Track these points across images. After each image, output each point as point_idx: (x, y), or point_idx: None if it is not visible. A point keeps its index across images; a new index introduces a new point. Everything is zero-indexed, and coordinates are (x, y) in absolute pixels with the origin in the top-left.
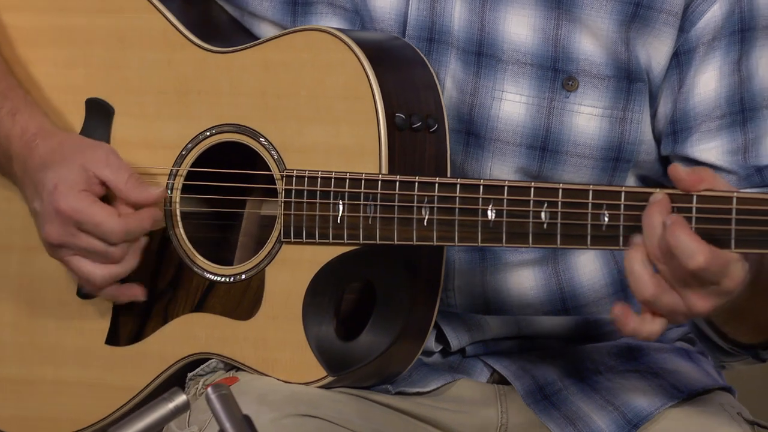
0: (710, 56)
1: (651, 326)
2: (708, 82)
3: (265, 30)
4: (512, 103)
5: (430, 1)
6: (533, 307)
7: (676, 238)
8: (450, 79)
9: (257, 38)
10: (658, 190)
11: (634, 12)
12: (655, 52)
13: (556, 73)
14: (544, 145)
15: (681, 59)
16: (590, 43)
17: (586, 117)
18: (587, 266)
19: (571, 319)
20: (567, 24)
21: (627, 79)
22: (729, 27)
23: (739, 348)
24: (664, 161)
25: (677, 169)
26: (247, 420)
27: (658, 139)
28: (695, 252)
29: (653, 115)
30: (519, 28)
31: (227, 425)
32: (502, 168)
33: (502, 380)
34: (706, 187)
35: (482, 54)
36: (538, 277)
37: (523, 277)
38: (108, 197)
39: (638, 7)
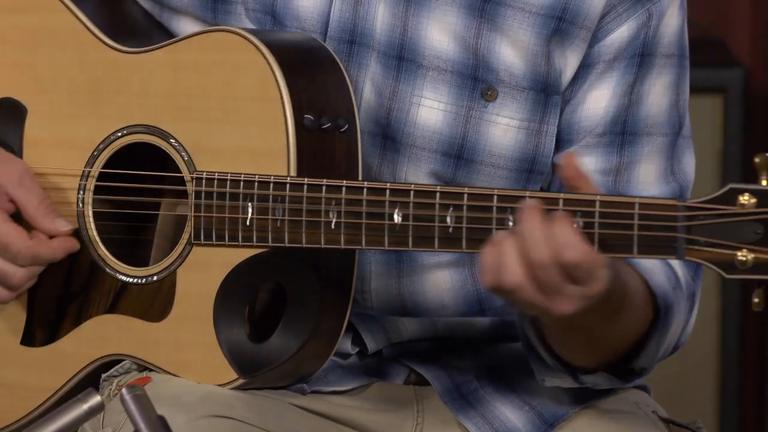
0: (607, 75)
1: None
2: (599, 100)
3: (185, 25)
4: (430, 110)
5: (353, 3)
6: (450, 308)
7: (561, 228)
8: (369, 82)
9: (174, 36)
10: (561, 195)
11: (557, 27)
12: (567, 66)
13: (476, 81)
14: (459, 153)
15: (579, 72)
16: (511, 54)
17: (503, 128)
18: None
19: (488, 320)
20: (489, 33)
21: (545, 92)
22: (632, 50)
23: (562, 366)
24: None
25: (569, 156)
26: (162, 420)
27: None
28: (574, 245)
29: None
30: (441, 35)
31: (142, 426)
32: (417, 174)
33: (419, 381)
34: (574, 181)
35: (403, 58)
36: (455, 279)
37: (440, 279)
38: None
39: (561, 21)
